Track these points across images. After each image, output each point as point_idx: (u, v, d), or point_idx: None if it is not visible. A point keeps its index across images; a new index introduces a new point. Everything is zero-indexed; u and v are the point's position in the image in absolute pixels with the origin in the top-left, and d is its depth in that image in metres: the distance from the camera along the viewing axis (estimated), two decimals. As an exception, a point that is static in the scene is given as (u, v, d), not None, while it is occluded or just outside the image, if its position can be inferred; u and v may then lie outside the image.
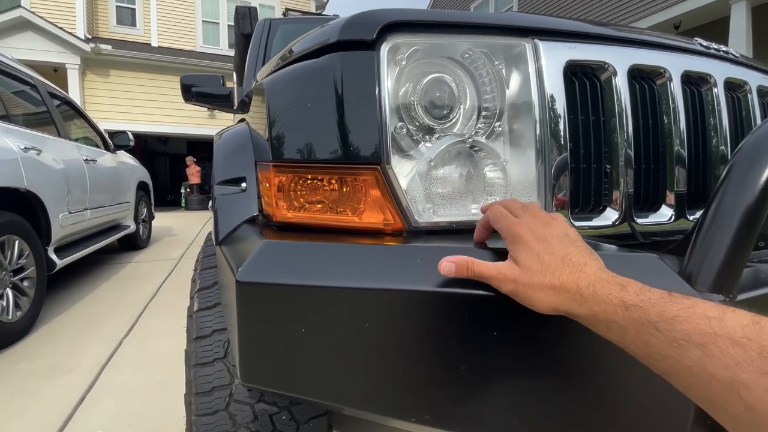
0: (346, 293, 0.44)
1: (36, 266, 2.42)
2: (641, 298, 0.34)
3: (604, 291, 0.36)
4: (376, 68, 0.54)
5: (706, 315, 0.31)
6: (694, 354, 0.30)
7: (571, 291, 0.38)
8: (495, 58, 0.61)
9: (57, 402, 1.64)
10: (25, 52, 7.80)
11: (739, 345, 0.28)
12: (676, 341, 0.31)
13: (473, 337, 0.43)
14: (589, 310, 0.36)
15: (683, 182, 0.69)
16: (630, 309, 0.34)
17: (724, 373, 0.28)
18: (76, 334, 2.31)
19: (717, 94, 0.73)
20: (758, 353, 0.28)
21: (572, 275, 0.38)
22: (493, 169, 0.60)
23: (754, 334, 0.28)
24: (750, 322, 0.29)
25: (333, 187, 0.56)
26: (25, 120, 2.76)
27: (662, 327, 0.32)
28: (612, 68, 0.64)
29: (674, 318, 0.31)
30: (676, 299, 0.33)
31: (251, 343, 0.47)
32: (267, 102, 0.60)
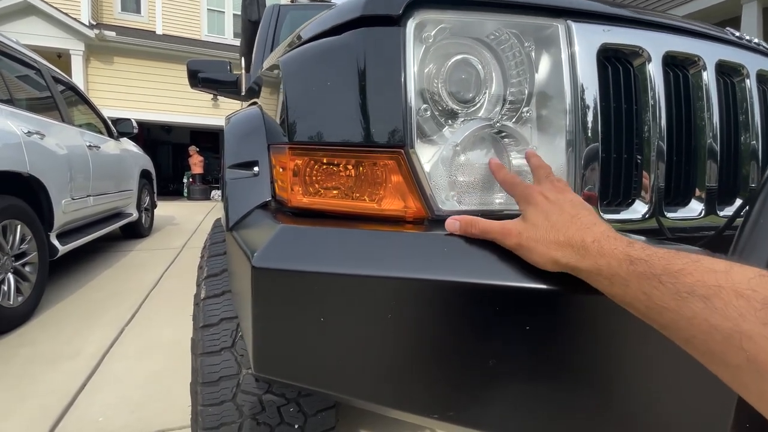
0: (369, 282, 0.41)
1: (38, 252, 2.41)
2: (647, 253, 0.33)
3: (610, 245, 0.36)
4: (402, 46, 0.51)
5: (713, 268, 0.30)
6: (696, 306, 0.29)
7: (576, 246, 0.37)
8: (525, 39, 0.58)
9: (58, 388, 1.63)
10: (29, 37, 7.73)
11: (743, 297, 0.28)
12: (678, 294, 0.30)
13: (503, 331, 0.40)
14: (593, 264, 0.36)
15: (714, 177, 0.66)
16: (635, 263, 0.33)
17: (726, 324, 0.28)
18: (77, 321, 2.29)
19: (749, 86, 0.70)
20: (762, 304, 0.27)
21: (579, 231, 0.38)
22: (519, 156, 0.57)
23: (760, 286, 0.28)
24: (756, 275, 0.29)
25: (352, 172, 0.53)
26: (29, 104, 2.73)
27: (666, 280, 0.31)
28: (647, 54, 0.61)
29: (679, 271, 0.31)
30: (682, 254, 0.32)
31: (266, 331, 0.45)
32: (283, 81, 0.57)
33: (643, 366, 0.40)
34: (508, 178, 0.49)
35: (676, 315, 0.31)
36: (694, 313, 0.30)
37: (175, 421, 1.44)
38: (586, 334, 0.40)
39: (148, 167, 4.91)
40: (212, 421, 0.73)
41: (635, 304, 0.34)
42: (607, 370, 0.40)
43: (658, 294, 0.32)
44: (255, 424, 0.74)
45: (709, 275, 0.30)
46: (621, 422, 0.43)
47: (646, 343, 0.33)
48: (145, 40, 9.03)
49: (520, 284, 0.40)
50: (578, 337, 0.40)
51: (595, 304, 0.37)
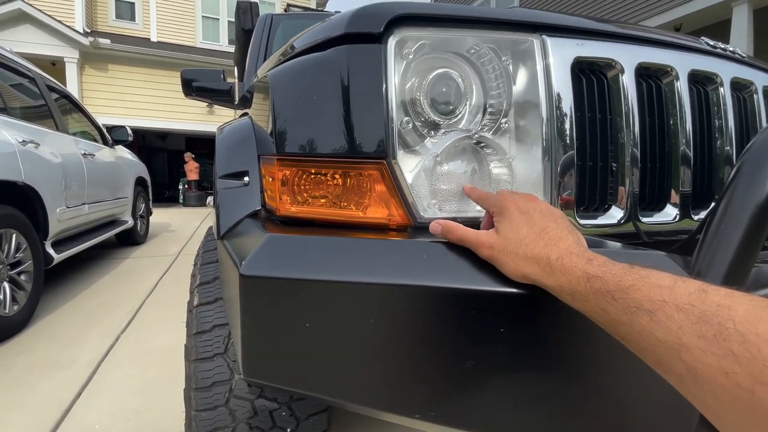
0: (352, 288, 0.43)
1: (33, 260, 2.41)
2: (603, 270, 0.36)
3: (571, 263, 0.38)
4: (383, 62, 0.53)
5: (658, 284, 0.32)
6: (643, 320, 0.32)
7: (541, 263, 0.40)
8: (502, 53, 0.60)
9: (55, 396, 1.64)
10: (23, 45, 7.74)
11: (683, 311, 0.30)
12: (629, 308, 0.33)
13: (480, 333, 0.42)
14: (556, 281, 0.38)
15: (688, 182, 0.69)
16: (592, 280, 0.36)
17: (668, 336, 0.30)
18: (73, 329, 2.29)
19: (723, 94, 0.73)
20: (698, 318, 0.29)
21: (545, 248, 0.40)
22: (498, 166, 0.59)
23: (698, 301, 0.30)
24: (696, 290, 0.31)
25: (337, 182, 0.56)
26: (24, 113, 2.74)
27: (618, 296, 0.34)
28: (620, 66, 0.63)
29: (629, 287, 0.33)
30: (634, 270, 0.35)
31: (254, 337, 0.47)
32: (272, 94, 0.59)
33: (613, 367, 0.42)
34: (481, 195, 0.52)
35: (628, 328, 0.33)
36: (641, 326, 0.32)
37: (171, 429, 1.45)
38: (558, 336, 0.42)
39: (143, 174, 4.92)
40: (206, 426, 0.75)
41: (595, 317, 0.36)
42: (581, 371, 0.42)
43: (612, 309, 0.34)
44: (248, 428, 0.76)
45: (655, 291, 0.32)
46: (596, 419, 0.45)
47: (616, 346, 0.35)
48: (140, 47, 9.06)
49: (494, 289, 0.42)
50: (551, 339, 0.42)
51: (565, 308, 0.39)
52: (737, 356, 0.27)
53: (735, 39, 5.56)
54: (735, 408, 0.27)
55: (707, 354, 0.28)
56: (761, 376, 0.26)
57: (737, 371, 0.27)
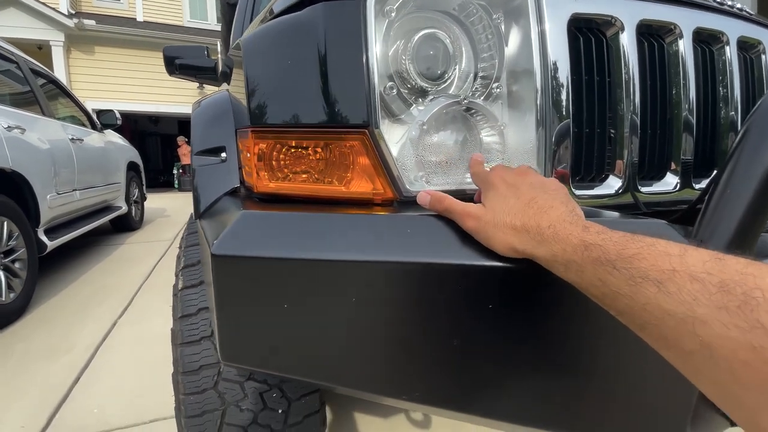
0: (330, 266, 0.40)
1: (26, 248, 2.38)
2: (602, 237, 0.33)
3: (565, 231, 0.35)
4: (362, 20, 0.49)
5: (667, 252, 0.29)
6: (650, 291, 0.29)
7: (531, 231, 0.37)
8: (493, 11, 0.55)
9: (54, 382, 1.64)
10: (8, 29, 7.49)
11: (698, 280, 0.27)
12: (632, 279, 0.30)
13: (466, 310, 0.40)
14: (548, 251, 0.35)
15: (690, 150, 0.65)
16: (590, 248, 0.32)
17: (680, 308, 0.27)
18: (71, 316, 2.29)
19: (729, 54, 0.69)
20: (718, 288, 0.26)
21: (535, 216, 0.37)
22: (490, 134, 0.55)
23: (715, 269, 0.27)
24: (711, 258, 0.28)
25: (317, 155, 0.52)
26: (8, 99, 2.66)
27: (620, 265, 0.30)
28: (620, 23, 0.59)
29: (633, 256, 0.30)
30: (637, 238, 0.32)
31: (230, 320, 0.44)
32: (244, 61, 0.55)
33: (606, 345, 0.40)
34: (476, 171, 0.48)
35: (630, 301, 0.30)
36: (647, 298, 0.29)
37: (168, 411, 1.45)
38: (548, 312, 0.39)
39: (136, 159, 4.84)
40: (195, 410, 0.73)
41: (591, 290, 0.33)
42: (571, 349, 0.40)
43: (612, 280, 0.31)
44: (238, 411, 0.75)
45: (664, 259, 0.29)
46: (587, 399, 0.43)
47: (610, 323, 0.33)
48: (126, 27, 8.78)
49: (479, 263, 0.39)
50: (540, 316, 0.39)
51: (557, 282, 0.36)
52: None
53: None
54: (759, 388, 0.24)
55: (729, 327, 0.25)
56: None
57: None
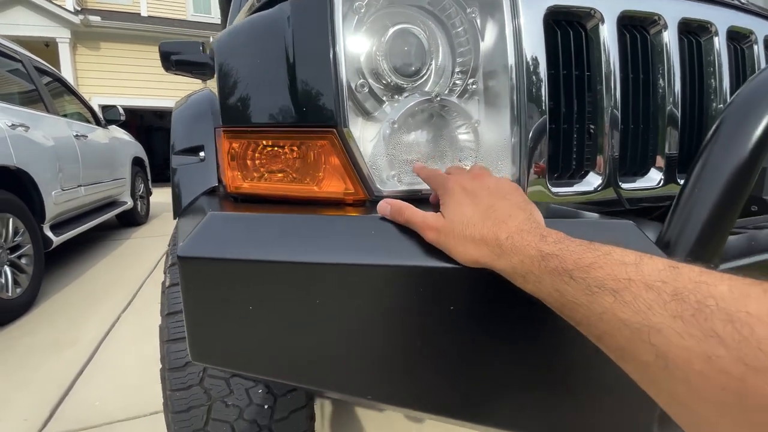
0: (290, 268, 0.40)
1: (32, 244, 2.43)
2: (559, 247, 0.32)
3: (523, 242, 0.34)
4: (330, 18, 0.48)
5: (623, 261, 0.29)
6: (606, 300, 0.28)
7: (491, 243, 0.36)
8: (468, 5, 0.54)
9: (58, 375, 1.68)
10: (16, 27, 7.58)
11: (653, 289, 0.27)
12: (589, 288, 0.29)
13: (425, 312, 0.39)
14: (508, 263, 0.35)
15: (675, 144, 0.64)
16: (547, 258, 0.32)
17: (635, 318, 0.27)
18: (76, 310, 2.34)
19: (718, 45, 0.67)
20: (672, 296, 0.26)
21: (493, 228, 0.37)
22: (464, 131, 0.55)
23: (669, 278, 0.27)
24: (666, 266, 0.28)
25: (288, 154, 0.52)
26: (12, 97, 2.69)
27: (577, 275, 0.30)
28: (599, 15, 0.57)
29: (590, 265, 0.30)
30: (594, 247, 0.31)
31: (197, 320, 0.45)
32: (216, 60, 0.54)
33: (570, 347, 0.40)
34: (429, 174, 0.48)
35: (587, 311, 0.30)
36: (604, 308, 0.29)
37: (168, 403, 1.48)
38: (509, 315, 0.39)
39: (140, 154, 4.88)
40: (181, 405, 0.75)
41: (550, 301, 0.33)
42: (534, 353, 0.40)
43: (570, 290, 0.31)
44: (224, 406, 0.76)
45: (619, 268, 0.29)
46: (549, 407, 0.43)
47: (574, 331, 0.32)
48: (131, 23, 8.81)
49: (441, 265, 0.39)
50: (501, 318, 0.39)
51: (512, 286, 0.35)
52: (722, 338, 0.23)
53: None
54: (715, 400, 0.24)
55: (684, 336, 0.25)
56: (755, 361, 0.22)
57: (722, 355, 0.23)
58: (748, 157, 0.40)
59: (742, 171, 0.40)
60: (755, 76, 0.45)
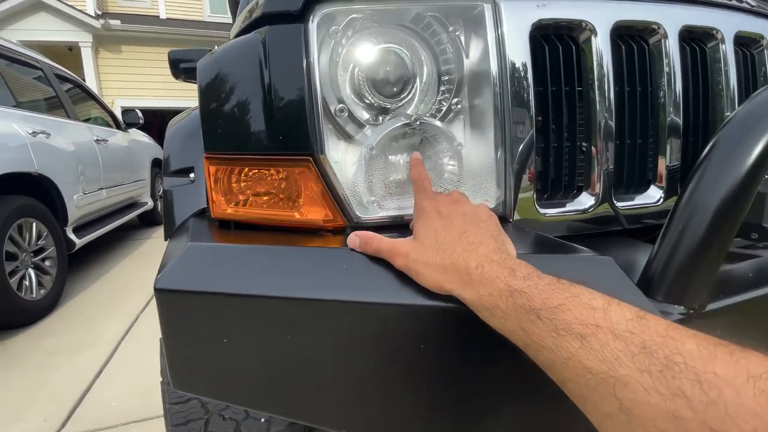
0: (260, 302, 0.40)
1: (56, 246, 2.53)
2: (528, 284, 0.31)
3: (492, 273, 0.33)
4: (304, 44, 0.47)
5: (591, 305, 0.28)
6: (572, 345, 0.28)
7: (460, 270, 0.35)
8: (450, 23, 0.53)
9: (77, 375, 1.75)
10: (40, 33, 7.86)
11: (621, 339, 0.26)
12: (556, 331, 0.29)
13: (394, 348, 0.39)
14: (475, 294, 0.34)
15: (677, 159, 0.61)
16: (515, 294, 0.31)
17: (602, 367, 0.26)
18: (97, 310, 2.43)
19: (724, 52, 0.63)
20: (640, 348, 0.25)
21: (463, 254, 0.36)
22: (447, 154, 0.53)
23: (637, 329, 0.26)
24: (634, 316, 0.27)
25: (269, 181, 0.52)
26: (33, 104, 2.80)
27: (544, 315, 0.29)
28: (591, 27, 0.54)
29: (558, 306, 0.29)
30: (563, 287, 0.30)
31: (176, 350, 0.45)
32: (198, 85, 0.54)
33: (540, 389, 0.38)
34: (417, 175, 0.47)
35: (552, 354, 0.29)
36: (570, 353, 0.28)
37: (180, 406, 1.52)
38: (480, 353, 0.38)
39: (160, 156, 5.00)
40: (179, 418, 0.76)
41: (514, 339, 0.32)
42: (503, 393, 0.39)
43: (536, 330, 0.30)
44: (221, 420, 0.77)
45: (587, 313, 0.28)
46: None
47: None
48: (150, 26, 9.00)
49: (411, 302, 0.38)
50: (472, 357, 0.38)
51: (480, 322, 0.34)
52: (690, 399, 0.23)
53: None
54: None
55: (650, 392, 0.24)
56: (722, 426, 0.21)
57: (689, 417, 0.23)
58: (741, 183, 0.37)
59: (735, 198, 0.37)
60: (754, 95, 0.42)
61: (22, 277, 2.23)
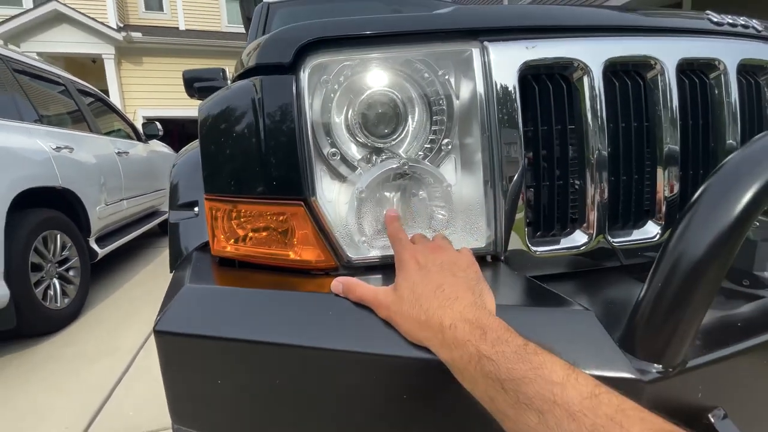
0: (249, 347, 0.42)
1: (79, 256, 2.63)
2: (496, 350, 0.32)
3: (464, 336, 0.34)
4: (296, 94, 0.49)
5: (551, 380, 0.29)
6: (532, 420, 0.29)
7: (434, 328, 0.36)
8: (439, 66, 0.54)
9: (97, 383, 1.81)
10: (63, 45, 8.18)
11: (575, 419, 0.27)
12: (518, 403, 0.29)
13: (382, 400, 0.40)
14: (449, 355, 0.35)
15: (676, 191, 0.60)
16: (483, 361, 0.32)
17: None
18: (118, 319, 2.51)
19: (727, 82, 0.62)
20: (590, 430, 0.26)
21: (439, 309, 0.36)
22: (436, 194, 0.54)
23: (589, 410, 0.27)
24: (589, 394, 0.28)
25: (262, 222, 0.53)
26: (57, 119, 2.92)
27: (508, 386, 0.30)
28: (582, 65, 0.55)
29: (521, 378, 0.30)
30: (528, 357, 0.31)
31: (175, 388, 0.47)
32: (198, 129, 0.57)
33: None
34: (392, 232, 0.47)
35: (515, 426, 0.30)
36: (529, 427, 0.29)
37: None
38: (460, 405, 0.38)
39: (178, 165, 5.14)
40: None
41: (483, 404, 0.33)
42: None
43: (500, 400, 0.30)
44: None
45: (547, 387, 0.29)
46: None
47: None
48: (170, 37, 9.28)
49: (395, 353, 0.39)
50: (453, 409, 0.39)
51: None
52: None
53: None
54: None
55: None
56: None
57: None
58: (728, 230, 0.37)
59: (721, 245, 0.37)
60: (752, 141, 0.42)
61: (47, 287, 2.32)
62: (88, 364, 1.99)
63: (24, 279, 2.09)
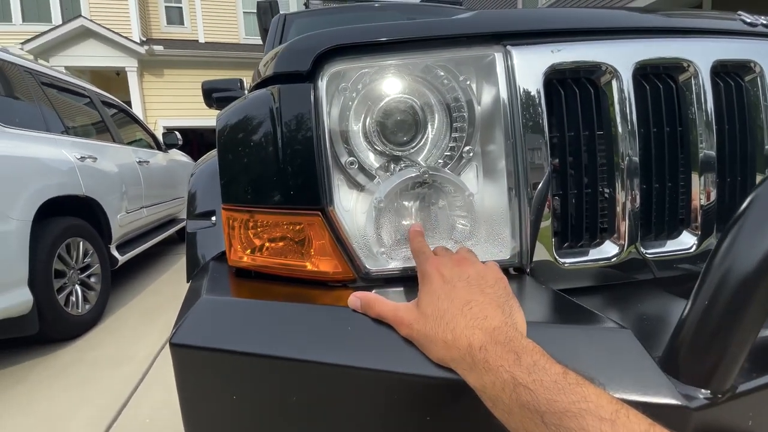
0: (265, 362, 0.41)
1: (100, 263, 2.69)
2: (533, 378, 0.29)
3: (496, 360, 0.31)
4: (313, 102, 0.48)
5: (599, 415, 0.26)
6: None
7: (462, 350, 0.33)
8: (461, 72, 0.52)
9: (116, 389, 1.83)
10: (89, 59, 8.52)
11: None
12: None
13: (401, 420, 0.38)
14: (479, 381, 0.32)
15: (713, 199, 0.57)
16: (519, 389, 0.29)
17: None
18: (137, 325, 2.55)
19: (764, 85, 0.58)
20: None
21: (467, 329, 0.34)
22: (458, 203, 0.52)
23: None
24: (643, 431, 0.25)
25: (279, 232, 0.52)
26: (81, 130, 3.01)
27: (549, 419, 0.27)
28: (611, 69, 0.52)
29: (564, 412, 0.27)
30: (569, 387, 0.28)
31: (190, 401, 0.46)
32: (216, 138, 0.57)
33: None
34: (416, 247, 0.45)
35: None
36: None
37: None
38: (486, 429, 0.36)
39: (197, 174, 5.24)
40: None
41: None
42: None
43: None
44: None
45: (594, 424, 0.26)
46: None
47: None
48: (190, 50, 9.55)
49: (416, 372, 0.37)
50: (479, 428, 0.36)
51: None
52: None
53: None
54: None
55: None
56: None
57: None
58: None
59: None
60: None
61: (69, 293, 2.38)
62: (108, 369, 2.01)
63: (47, 286, 2.14)
